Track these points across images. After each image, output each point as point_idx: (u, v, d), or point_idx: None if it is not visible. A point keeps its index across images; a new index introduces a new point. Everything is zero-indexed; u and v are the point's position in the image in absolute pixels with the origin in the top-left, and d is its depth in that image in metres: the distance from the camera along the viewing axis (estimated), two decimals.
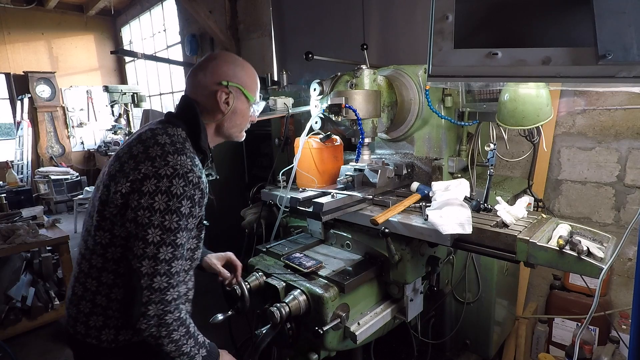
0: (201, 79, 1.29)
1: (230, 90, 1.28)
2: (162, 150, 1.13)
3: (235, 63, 1.32)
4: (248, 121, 1.40)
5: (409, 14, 3.09)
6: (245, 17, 4.93)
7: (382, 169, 1.87)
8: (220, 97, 1.27)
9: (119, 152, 1.24)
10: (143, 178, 1.09)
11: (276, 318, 1.45)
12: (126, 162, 1.15)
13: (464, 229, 1.35)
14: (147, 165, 1.10)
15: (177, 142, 1.18)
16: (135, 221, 1.07)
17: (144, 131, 1.24)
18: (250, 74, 1.36)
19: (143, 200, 1.07)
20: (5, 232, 2.93)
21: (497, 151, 1.60)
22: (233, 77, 1.29)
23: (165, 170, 1.09)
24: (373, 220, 1.51)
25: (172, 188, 1.08)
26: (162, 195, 1.07)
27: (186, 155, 1.15)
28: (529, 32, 1.11)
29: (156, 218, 1.06)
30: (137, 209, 1.07)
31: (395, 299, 1.76)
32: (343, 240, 1.85)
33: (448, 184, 1.63)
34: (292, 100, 2.30)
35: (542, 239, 1.30)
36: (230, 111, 1.30)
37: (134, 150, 1.16)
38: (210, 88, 1.27)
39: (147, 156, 1.12)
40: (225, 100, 1.28)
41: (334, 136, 2.09)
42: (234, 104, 1.30)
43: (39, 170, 7.48)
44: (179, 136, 1.21)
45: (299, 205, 1.74)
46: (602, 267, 1.15)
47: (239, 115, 1.34)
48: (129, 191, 1.09)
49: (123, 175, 1.12)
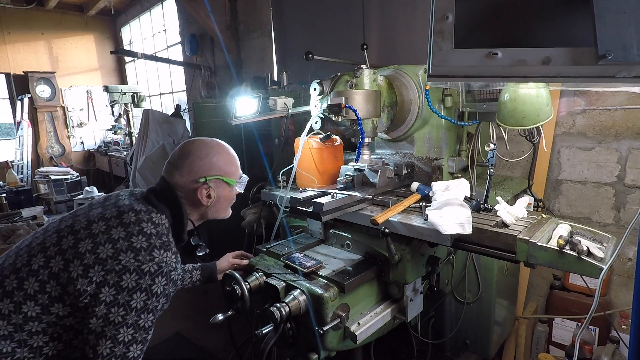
0: (178, 180, 1.25)
1: (209, 185, 1.25)
2: (147, 242, 1.05)
3: (209, 154, 1.28)
4: (234, 200, 1.40)
5: (409, 14, 3.09)
6: (245, 17, 4.93)
7: (382, 169, 1.87)
8: (201, 194, 1.25)
9: (79, 212, 1.14)
10: (122, 271, 1.00)
11: (276, 318, 1.45)
12: (95, 235, 1.04)
13: (464, 229, 1.35)
14: (129, 257, 1.02)
15: (163, 235, 1.11)
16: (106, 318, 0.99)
17: (122, 205, 1.14)
18: (226, 158, 1.32)
19: (120, 296, 0.99)
20: (5, 232, 2.93)
21: (497, 151, 1.60)
22: (210, 170, 1.26)
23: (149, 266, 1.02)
24: (373, 220, 1.50)
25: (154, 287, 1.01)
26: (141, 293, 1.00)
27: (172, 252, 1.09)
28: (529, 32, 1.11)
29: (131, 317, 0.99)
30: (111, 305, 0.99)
31: (395, 299, 1.75)
32: (343, 240, 1.85)
33: (448, 184, 1.63)
34: (292, 100, 2.30)
35: (542, 239, 1.30)
36: (213, 202, 1.29)
37: (113, 232, 1.05)
38: (189, 187, 1.25)
39: (130, 245, 1.04)
40: (207, 194, 1.26)
41: (334, 136, 2.09)
42: (216, 195, 1.28)
43: (39, 170, 7.48)
44: (163, 226, 1.14)
45: (299, 205, 1.74)
46: (602, 267, 1.14)
47: (222, 201, 1.33)
48: (102, 281, 1.00)
49: (96, 261, 1.01)
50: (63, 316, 1.03)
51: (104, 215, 1.11)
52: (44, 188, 7.20)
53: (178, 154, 1.30)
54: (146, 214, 1.14)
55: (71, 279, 1.01)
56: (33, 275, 1.03)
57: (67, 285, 1.01)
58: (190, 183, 1.25)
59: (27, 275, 1.03)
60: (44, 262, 1.04)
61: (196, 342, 2.99)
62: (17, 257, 1.09)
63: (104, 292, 0.99)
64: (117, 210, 1.13)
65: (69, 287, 1.01)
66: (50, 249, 1.06)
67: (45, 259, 1.04)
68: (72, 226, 1.10)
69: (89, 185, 7.04)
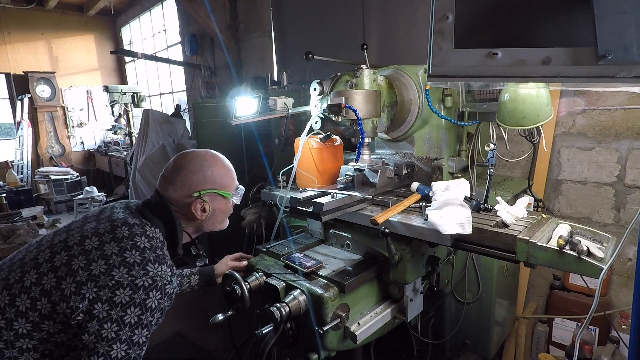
0: (171, 194, 1.23)
1: (204, 199, 1.23)
2: (141, 256, 1.04)
3: (202, 167, 1.25)
4: (230, 211, 1.37)
5: (409, 14, 3.09)
6: (245, 17, 4.93)
7: (382, 169, 1.87)
8: (195, 208, 1.23)
9: (73, 226, 1.13)
10: (115, 286, 0.99)
11: (276, 318, 1.45)
12: (89, 252, 1.04)
13: (464, 229, 1.35)
14: (122, 272, 1.01)
15: (157, 248, 1.10)
16: (98, 334, 0.97)
17: (116, 219, 1.13)
18: (220, 170, 1.30)
19: (113, 312, 0.98)
20: (5, 232, 2.93)
21: (497, 151, 1.60)
22: (204, 184, 1.24)
23: (143, 280, 1.01)
24: (373, 220, 1.50)
25: (148, 301, 1.00)
26: (135, 308, 0.98)
27: (166, 265, 1.08)
28: (529, 32, 1.11)
29: (124, 333, 0.98)
30: (104, 321, 0.98)
31: (395, 299, 1.75)
32: (343, 240, 1.85)
33: (448, 184, 1.63)
34: (292, 100, 2.30)
35: (542, 239, 1.30)
36: (209, 215, 1.27)
37: (106, 247, 1.04)
38: (183, 201, 1.23)
39: (123, 260, 1.02)
40: (202, 208, 1.24)
41: (334, 136, 2.09)
42: (211, 208, 1.26)
43: (39, 170, 7.48)
44: (157, 240, 1.13)
45: (299, 206, 1.74)
46: (602, 267, 1.14)
47: (218, 214, 1.31)
48: (94, 297, 0.99)
49: (89, 277, 1.00)
50: (54, 332, 1.03)
51: (97, 230, 1.10)
52: (44, 188, 7.20)
53: (171, 167, 1.27)
54: (140, 227, 1.13)
55: (64, 297, 1.00)
56: (25, 292, 1.03)
57: (58, 303, 1.01)
58: (183, 197, 1.23)
59: (19, 292, 1.03)
60: (37, 279, 1.04)
61: (196, 342, 2.99)
62: (10, 272, 1.08)
63: (97, 308, 0.98)
64: (111, 224, 1.12)
65: (61, 304, 1.00)
66: (43, 265, 1.05)
67: (37, 276, 1.04)
68: (66, 241, 1.09)
69: (89, 185, 7.05)
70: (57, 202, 7.20)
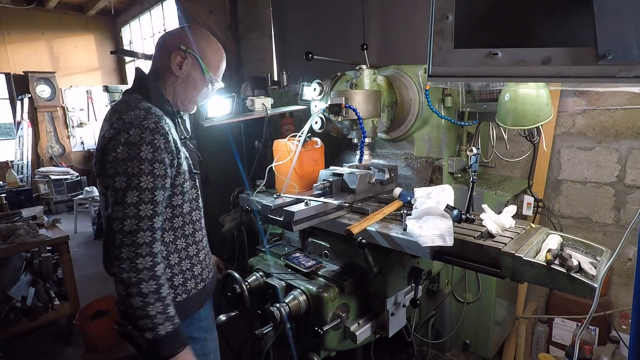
0: (166, 39, 1.33)
1: (186, 56, 1.30)
2: (119, 114, 1.18)
3: (203, 37, 1.34)
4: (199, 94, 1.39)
5: (409, 14, 3.09)
6: (245, 17, 4.93)
7: (361, 174, 1.76)
8: (174, 58, 1.28)
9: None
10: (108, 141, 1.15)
11: (276, 318, 1.45)
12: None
13: (444, 241, 1.24)
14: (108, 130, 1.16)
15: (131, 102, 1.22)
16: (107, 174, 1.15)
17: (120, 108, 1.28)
18: (215, 52, 1.37)
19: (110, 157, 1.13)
20: (5, 232, 2.93)
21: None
22: (194, 46, 1.31)
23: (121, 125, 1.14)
24: (347, 231, 1.39)
25: (130, 138, 1.12)
26: (122, 147, 1.12)
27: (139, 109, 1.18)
28: (529, 32, 1.11)
29: (120, 166, 1.11)
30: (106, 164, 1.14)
31: (376, 313, 1.65)
32: (321, 250, 1.75)
33: (430, 190, 1.52)
34: (272, 100, 2.25)
35: (530, 252, 1.20)
36: (183, 76, 1.31)
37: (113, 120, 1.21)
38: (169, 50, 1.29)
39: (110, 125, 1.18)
40: (179, 63, 1.29)
41: (315, 139, 1.99)
42: (187, 70, 1.31)
43: (39, 170, 7.48)
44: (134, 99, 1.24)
45: (270, 214, 1.64)
46: (594, 287, 1.07)
47: (190, 83, 1.34)
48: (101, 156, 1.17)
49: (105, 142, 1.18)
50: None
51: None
52: (44, 188, 7.20)
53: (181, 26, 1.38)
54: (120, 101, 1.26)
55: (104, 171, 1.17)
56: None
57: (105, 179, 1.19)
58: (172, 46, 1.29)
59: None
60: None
61: None
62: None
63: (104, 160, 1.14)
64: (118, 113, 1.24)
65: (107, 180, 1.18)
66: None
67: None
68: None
69: (89, 185, 7.05)
70: (57, 202, 7.20)
